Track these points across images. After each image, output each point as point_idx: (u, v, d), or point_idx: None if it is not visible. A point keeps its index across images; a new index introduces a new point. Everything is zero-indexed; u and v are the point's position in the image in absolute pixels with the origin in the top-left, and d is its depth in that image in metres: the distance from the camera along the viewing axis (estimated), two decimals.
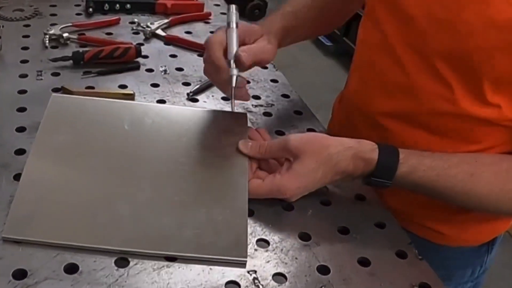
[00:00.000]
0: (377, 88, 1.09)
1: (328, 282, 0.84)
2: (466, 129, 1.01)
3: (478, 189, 0.94)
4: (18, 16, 1.49)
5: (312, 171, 0.92)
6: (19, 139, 1.02)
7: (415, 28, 0.97)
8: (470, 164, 0.95)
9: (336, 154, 0.92)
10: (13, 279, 0.75)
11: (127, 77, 1.28)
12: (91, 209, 0.88)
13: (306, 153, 0.92)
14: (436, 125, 1.03)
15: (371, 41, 1.10)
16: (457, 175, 0.93)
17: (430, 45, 0.96)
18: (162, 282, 0.79)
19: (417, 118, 1.04)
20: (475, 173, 0.94)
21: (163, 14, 1.61)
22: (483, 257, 1.21)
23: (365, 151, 0.93)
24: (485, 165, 0.96)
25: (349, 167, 0.92)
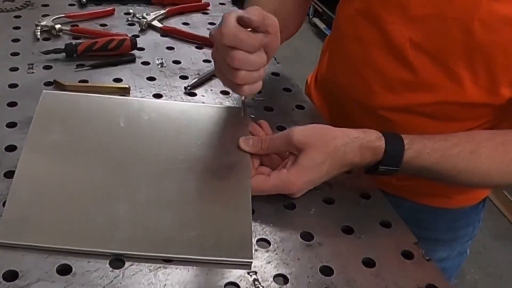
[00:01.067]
0: (379, 85, 1.11)
1: (331, 283, 0.84)
2: (470, 113, 1.08)
3: (479, 164, 0.98)
4: (8, 7, 1.49)
5: (319, 164, 0.92)
6: (10, 135, 1.02)
7: (425, 28, 1.00)
8: (469, 142, 0.98)
9: (343, 146, 0.93)
10: (3, 281, 0.75)
11: (122, 70, 1.28)
12: (87, 210, 0.88)
13: (311, 146, 0.92)
14: (441, 113, 1.08)
15: (370, 39, 1.11)
16: (459, 154, 0.97)
17: (442, 44, 0.99)
18: (159, 283, 0.79)
19: (423, 109, 1.08)
20: (474, 150, 0.97)
21: (160, 5, 1.61)
22: (480, 213, 1.34)
23: (372, 140, 0.94)
24: (482, 141, 0.99)
25: (356, 158, 0.94)
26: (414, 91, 1.06)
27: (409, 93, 1.07)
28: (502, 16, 0.92)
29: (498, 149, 0.99)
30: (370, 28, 1.10)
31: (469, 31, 0.95)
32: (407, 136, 0.96)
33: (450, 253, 1.32)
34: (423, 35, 1.01)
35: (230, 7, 1.67)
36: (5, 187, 0.89)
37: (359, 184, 1.03)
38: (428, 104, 1.07)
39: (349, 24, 1.17)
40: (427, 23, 1.00)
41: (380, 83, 1.10)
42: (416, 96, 1.07)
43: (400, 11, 1.03)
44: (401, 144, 0.94)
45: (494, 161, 0.99)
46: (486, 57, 0.96)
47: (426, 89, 1.05)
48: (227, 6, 1.69)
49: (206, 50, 1.42)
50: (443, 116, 1.08)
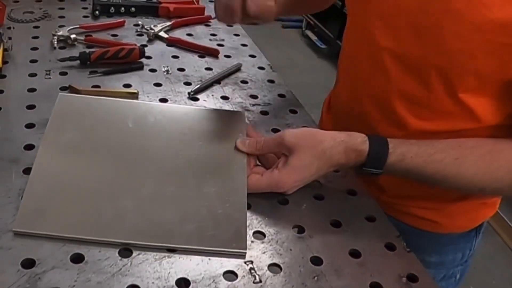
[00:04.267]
0: (370, 102, 1.09)
1: (321, 272, 0.84)
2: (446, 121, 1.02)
3: (464, 171, 0.94)
4: (28, 18, 1.49)
5: (308, 165, 0.92)
6: (28, 135, 1.02)
7: (403, 38, 0.98)
8: (455, 148, 0.95)
9: (329, 148, 0.92)
10: (22, 268, 0.75)
11: (131, 76, 1.28)
12: (97, 203, 0.88)
13: (301, 148, 0.92)
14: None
15: (362, 55, 1.09)
16: (443, 160, 0.94)
17: (414, 54, 0.97)
18: (164, 271, 0.79)
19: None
20: (460, 157, 0.94)
21: (166, 17, 1.61)
22: (471, 241, 1.23)
23: (356, 143, 0.93)
24: (469, 149, 0.96)
25: (341, 159, 0.93)
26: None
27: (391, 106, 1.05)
28: (470, 24, 0.88)
29: (485, 157, 0.95)
30: (362, 44, 1.08)
31: (439, 40, 0.92)
32: (393, 140, 0.94)
33: (436, 276, 1.25)
34: (403, 46, 0.98)
35: None
36: (24, 182, 0.89)
37: (347, 182, 1.03)
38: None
39: (346, 43, 1.17)
40: (405, 33, 0.97)
41: (371, 101, 1.09)
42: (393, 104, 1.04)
43: (384, 23, 1.01)
44: (385, 148, 0.93)
45: (479, 168, 0.95)
46: (455, 65, 0.93)
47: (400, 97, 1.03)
48: None
49: (208, 59, 1.42)
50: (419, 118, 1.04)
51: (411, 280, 0.85)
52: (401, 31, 0.97)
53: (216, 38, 1.54)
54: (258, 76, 1.37)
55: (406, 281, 0.85)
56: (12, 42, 1.30)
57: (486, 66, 0.90)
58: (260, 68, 1.41)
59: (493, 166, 0.94)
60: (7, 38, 1.30)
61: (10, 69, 1.23)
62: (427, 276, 0.86)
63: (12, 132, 1.02)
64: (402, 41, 0.98)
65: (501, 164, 0.94)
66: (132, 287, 0.76)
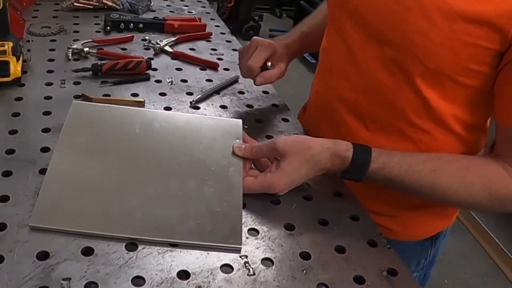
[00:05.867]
0: (337, 100, 1.10)
1: (309, 266, 0.83)
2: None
3: (441, 183, 0.93)
4: (45, 32, 1.49)
5: (297, 169, 0.93)
6: (44, 138, 1.02)
7: (371, 31, 0.98)
8: (434, 161, 0.94)
9: (317, 154, 0.93)
10: (37, 260, 0.75)
11: (138, 86, 1.27)
12: (106, 201, 0.87)
13: (291, 153, 0.92)
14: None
15: (334, 50, 1.10)
16: (422, 171, 0.93)
17: (380, 37, 0.97)
18: (166, 264, 0.79)
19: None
20: (438, 169, 0.93)
21: (171, 33, 1.60)
22: (427, 250, 1.20)
23: (341, 150, 0.93)
24: (447, 162, 0.95)
25: (328, 164, 0.93)
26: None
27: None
28: (433, 20, 0.87)
29: (461, 171, 0.94)
30: (336, 38, 1.08)
31: (404, 34, 0.92)
32: (376, 150, 0.94)
33: None
34: (372, 35, 0.98)
35: (229, 36, 1.67)
36: (39, 181, 0.89)
37: (333, 185, 1.03)
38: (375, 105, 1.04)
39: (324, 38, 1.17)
40: (371, 23, 0.97)
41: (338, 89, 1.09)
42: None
43: (353, 16, 1.02)
44: (368, 156, 0.93)
45: (455, 181, 0.93)
46: (416, 60, 0.93)
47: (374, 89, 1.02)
48: (227, 35, 1.68)
49: (208, 71, 1.42)
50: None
51: (391, 274, 0.85)
52: (370, 25, 0.97)
53: (216, 53, 1.54)
54: (254, 88, 1.37)
55: (387, 274, 0.85)
56: (30, 54, 1.30)
57: (445, 63, 0.90)
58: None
59: (468, 180, 0.93)
60: (26, 50, 1.29)
61: (29, 79, 1.23)
62: (406, 271, 0.86)
63: (29, 136, 1.02)
64: (371, 34, 0.98)
65: (476, 179, 0.93)
66: (137, 278, 0.76)
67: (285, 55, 1.22)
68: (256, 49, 1.17)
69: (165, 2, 1.89)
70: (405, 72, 0.95)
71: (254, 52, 1.17)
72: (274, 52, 1.19)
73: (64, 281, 0.73)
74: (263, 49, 1.17)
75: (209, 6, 1.95)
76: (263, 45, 1.17)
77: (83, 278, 0.74)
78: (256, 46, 1.17)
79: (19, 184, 0.89)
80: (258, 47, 1.17)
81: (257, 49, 1.17)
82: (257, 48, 1.17)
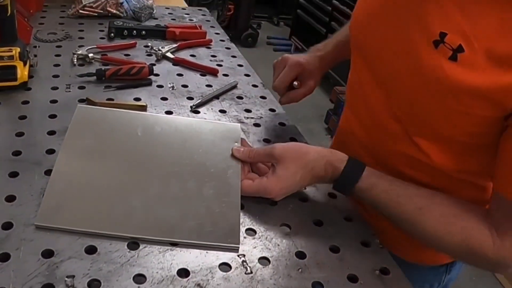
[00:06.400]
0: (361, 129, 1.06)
1: (304, 265, 0.83)
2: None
3: (422, 222, 0.87)
4: (51, 38, 1.49)
5: (293, 174, 0.91)
6: (50, 140, 1.02)
7: (379, 78, 0.95)
8: (424, 199, 0.88)
9: (312, 161, 0.92)
10: (42, 258, 0.75)
11: (141, 91, 1.27)
12: (109, 201, 0.87)
13: (287, 159, 0.92)
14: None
15: (353, 82, 1.07)
16: (406, 205, 0.88)
17: (386, 89, 0.94)
18: (166, 262, 0.79)
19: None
20: (424, 208, 0.87)
21: (172, 40, 1.61)
22: (441, 276, 1.14)
23: (335, 160, 0.92)
24: (437, 204, 0.87)
25: (321, 172, 0.92)
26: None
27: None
28: (430, 90, 0.82)
29: (446, 218, 0.86)
30: (354, 74, 1.06)
31: (406, 97, 0.89)
32: (369, 169, 0.91)
33: None
34: (378, 72, 0.95)
35: (229, 43, 1.68)
36: (45, 182, 0.89)
37: (328, 187, 1.02)
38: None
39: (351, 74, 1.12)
40: (372, 60, 0.95)
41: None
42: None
43: (360, 53, 1.00)
44: (359, 173, 0.90)
45: (437, 226, 0.86)
46: (415, 121, 0.90)
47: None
48: (226, 42, 1.69)
49: (208, 77, 1.42)
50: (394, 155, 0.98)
51: (383, 273, 0.85)
52: (377, 75, 0.96)
53: (216, 59, 1.54)
54: (252, 93, 1.37)
55: (379, 274, 0.85)
56: (37, 59, 1.30)
57: (441, 127, 0.86)
58: (254, 86, 1.41)
59: (450, 229, 0.85)
60: (33, 56, 1.29)
61: (35, 83, 1.23)
62: (398, 270, 0.86)
63: (35, 138, 1.02)
64: (379, 83, 0.95)
65: (458, 231, 0.85)
66: (139, 276, 0.76)
67: (317, 69, 1.21)
68: (284, 68, 1.18)
69: (167, 10, 1.89)
70: (406, 129, 0.93)
71: (282, 71, 1.18)
72: (302, 71, 1.18)
73: (68, 279, 0.73)
74: (290, 69, 1.17)
75: (209, 14, 1.95)
76: (291, 64, 1.17)
77: (87, 276, 0.74)
78: (285, 65, 1.18)
79: (25, 184, 0.89)
80: (286, 66, 1.18)
81: (284, 69, 1.18)
82: (285, 68, 1.18)
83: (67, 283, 0.72)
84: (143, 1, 1.74)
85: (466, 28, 0.77)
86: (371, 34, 0.96)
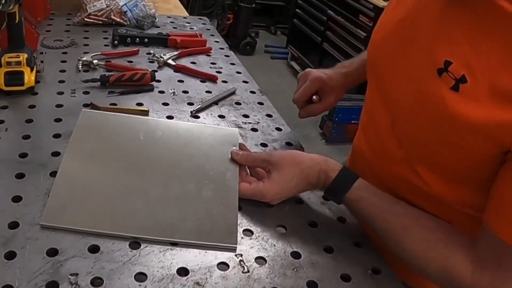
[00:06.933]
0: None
1: (299, 265, 0.83)
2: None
3: (404, 242, 0.84)
4: (57, 45, 1.49)
5: (288, 180, 0.92)
6: (55, 143, 1.02)
7: (386, 100, 0.93)
8: (410, 219, 0.85)
9: (306, 168, 0.92)
10: (46, 256, 0.75)
11: (143, 97, 1.27)
12: (112, 202, 0.87)
13: (283, 166, 0.92)
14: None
15: (366, 101, 1.05)
16: (391, 222, 0.86)
17: (391, 112, 0.92)
18: (167, 261, 0.79)
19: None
20: (408, 228, 0.84)
21: (174, 48, 1.61)
22: None
23: (328, 169, 0.92)
24: (421, 227, 0.84)
25: (314, 179, 0.92)
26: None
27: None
28: (427, 120, 0.80)
29: (428, 242, 0.82)
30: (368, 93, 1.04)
31: (405, 127, 0.87)
32: (362, 181, 0.90)
33: None
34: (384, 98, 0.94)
35: (228, 51, 1.68)
36: (50, 183, 0.89)
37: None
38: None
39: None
40: (378, 88, 0.94)
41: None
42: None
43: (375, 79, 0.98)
44: (349, 184, 0.89)
45: (417, 249, 0.83)
46: (412, 147, 0.87)
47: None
48: (225, 50, 1.69)
49: (208, 83, 1.42)
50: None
51: (375, 272, 0.85)
52: (386, 97, 0.93)
53: (215, 66, 1.54)
54: (250, 99, 1.37)
55: (371, 273, 0.85)
56: (43, 65, 1.30)
57: (440, 157, 0.82)
58: (251, 92, 1.41)
59: (430, 254, 0.82)
60: (39, 62, 1.29)
61: (42, 88, 1.23)
62: (389, 270, 0.87)
63: (41, 141, 1.02)
64: (386, 105, 0.93)
65: (438, 257, 0.81)
66: (140, 274, 0.76)
67: (339, 85, 1.19)
68: (305, 81, 1.17)
69: (168, 19, 1.90)
70: (408, 156, 0.89)
71: (304, 85, 1.17)
72: (323, 86, 1.17)
73: (71, 276, 0.72)
74: (311, 84, 1.17)
75: (209, 23, 1.95)
76: (312, 79, 1.17)
77: (90, 274, 0.74)
78: (306, 79, 1.18)
79: (31, 185, 0.89)
80: (307, 81, 1.17)
81: (306, 82, 1.17)
82: (306, 81, 1.17)
83: (70, 280, 0.72)
84: (146, 10, 1.75)
85: (471, 59, 0.73)
86: (384, 57, 0.93)
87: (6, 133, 1.03)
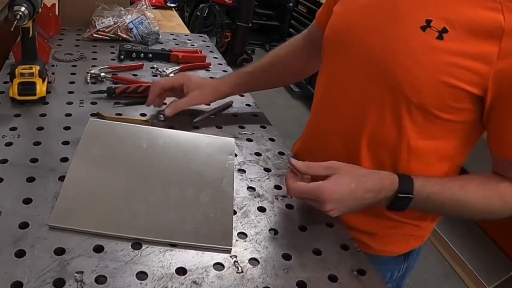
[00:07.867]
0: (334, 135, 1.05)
1: (290, 266, 0.83)
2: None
3: (467, 198, 0.90)
4: (68, 58, 1.49)
5: (347, 183, 0.86)
6: (64, 150, 1.01)
7: (363, 72, 0.95)
8: (458, 179, 0.92)
9: (365, 175, 0.89)
10: (54, 255, 0.75)
11: (146, 108, 1.27)
12: (116, 205, 0.87)
13: (343, 170, 0.88)
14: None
15: (329, 82, 1.06)
16: (452, 187, 0.90)
17: (372, 86, 0.94)
18: (166, 261, 0.79)
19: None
20: (463, 185, 0.90)
21: (176, 62, 1.61)
22: (400, 264, 1.14)
23: (386, 173, 0.90)
24: (469, 179, 0.92)
25: (377, 185, 0.88)
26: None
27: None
28: (420, 63, 0.86)
29: (480, 186, 0.91)
30: (328, 73, 1.06)
31: (392, 73, 0.90)
32: (418, 180, 0.90)
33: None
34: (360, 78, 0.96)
35: (225, 67, 1.68)
36: (59, 187, 0.89)
37: None
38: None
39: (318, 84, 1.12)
40: (361, 65, 0.95)
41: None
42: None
43: (342, 56, 1.00)
44: (409, 177, 0.90)
45: (477, 195, 0.90)
46: (403, 96, 0.90)
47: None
48: (223, 66, 1.69)
49: None
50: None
51: (360, 274, 0.85)
52: (362, 65, 0.94)
53: None
54: (246, 111, 1.37)
55: (357, 274, 0.85)
56: (54, 77, 1.30)
57: (429, 100, 0.87)
58: (247, 105, 1.42)
59: (486, 193, 0.91)
60: (51, 73, 1.29)
61: (52, 98, 1.23)
62: (373, 271, 0.87)
63: (51, 147, 1.02)
64: (362, 75, 0.95)
65: (492, 192, 0.91)
66: (141, 273, 0.75)
67: (210, 85, 1.26)
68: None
69: (171, 36, 1.90)
70: (393, 107, 0.92)
71: None
72: (187, 81, 1.23)
73: (77, 274, 0.72)
74: (173, 78, 1.25)
75: (209, 41, 1.96)
76: (177, 75, 1.24)
77: (94, 272, 0.73)
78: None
79: (40, 188, 0.89)
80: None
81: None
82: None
83: (76, 278, 0.72)
84: (150, 28, 1.75)
85: (446, 14, 0.85)
86: (352, 36, 0.97)
87: (19, 139, 1.03)
